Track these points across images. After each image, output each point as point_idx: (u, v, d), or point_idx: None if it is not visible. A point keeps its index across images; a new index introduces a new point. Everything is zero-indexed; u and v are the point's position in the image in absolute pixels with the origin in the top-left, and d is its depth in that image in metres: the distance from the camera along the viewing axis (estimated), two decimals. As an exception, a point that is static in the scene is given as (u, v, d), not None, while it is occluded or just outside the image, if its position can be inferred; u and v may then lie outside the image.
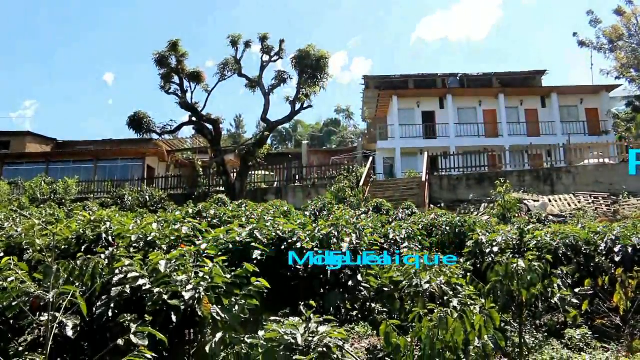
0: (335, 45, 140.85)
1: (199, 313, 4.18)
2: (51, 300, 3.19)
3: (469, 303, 5.06)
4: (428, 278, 5.82)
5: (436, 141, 36.18)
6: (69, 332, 4.33)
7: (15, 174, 31.54)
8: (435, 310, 4.45)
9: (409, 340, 4.41)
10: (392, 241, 9.01)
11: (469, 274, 6.71)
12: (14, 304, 4.58)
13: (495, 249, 8.06)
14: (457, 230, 10.17)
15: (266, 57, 24.95)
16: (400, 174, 32.55)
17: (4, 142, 43.32)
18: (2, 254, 7.57)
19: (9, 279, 4.98)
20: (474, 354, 4.27)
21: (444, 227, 10.59)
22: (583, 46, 33.76)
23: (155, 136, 25.87)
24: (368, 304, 6.64)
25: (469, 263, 7.64)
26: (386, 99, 38.54)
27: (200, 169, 27.60)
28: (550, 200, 20.47)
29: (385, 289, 6.33)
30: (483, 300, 5.62)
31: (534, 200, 19.78)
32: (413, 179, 26.38)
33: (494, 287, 6.18)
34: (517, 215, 15.13)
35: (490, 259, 7.70)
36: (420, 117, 38.07)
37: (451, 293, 5.72)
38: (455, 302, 5.19)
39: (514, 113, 37.43)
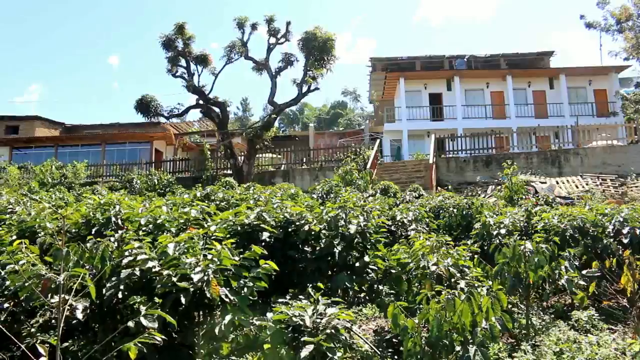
0: (339, 25, 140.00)
1: (208, 295, 4.22)
2: (62, 282, 3.22)
3: (476, 285, 5.08)
4: (435, 260, 5.84)
5: (443, 123, 35.99)
6: (79, 314, 4.39)
7: (25, 158, 31.70)
8: (443, 292, 4.47)
9: (417, 321, 4.44)
10: (400, 223, 9.03)
11: (476, 256, 6.73)
12: (26, 285, 4.64)
13: (503, 231, 8.06)
14: (464, 212, 10.16)
15: (273, 40, 24.81)
16: (408, 156, 32.48)
17: (13, 127, 43.51)
18: (14, 237, 7.67)
19: (20, 262, 5.05)
20: (481, 336, 4.30)
21: (451, 209, 10.57)
22: (591, 28, 33.27)
23: (162, 119, 25.89)
24: (375, 285, 6.67)
25: (476, 245, 7.64)
26: (393, 81, 38.32)
27: (208, 152, 27.59)
28: (557, 182, 20.39)
29: (393, 271, 6.38)
30: (490, 282, 5.64)
31: (542, 182, 19.71)
32: (420, 161, 26.32)
33: (501, 269, 6.20)
34: (524, 197, 15.06)
35: (498, 241, 7.72)
36: (427, 99, 37.89)
37: (458, 275, 5.75)
38: (462, 284, 5.21)
39: (521, 94, 37.16)
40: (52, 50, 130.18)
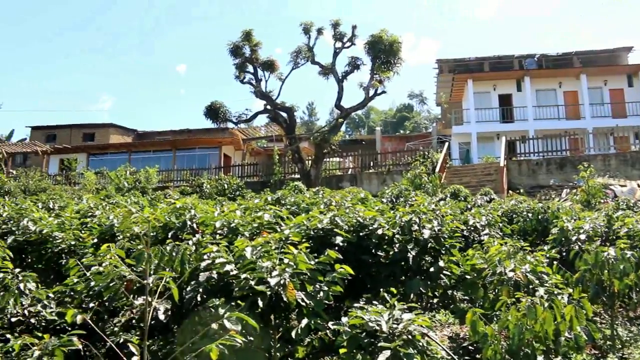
0: (401, 26, 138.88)
1: (284, 299, 4.25)
2: (150, 284, 3.31)
3: (555, 292, 4.90)
4: (512, 266, 5.67)
5: (514, 125, 35.06)
6: (161, 316, 4.49)
7: (100, 164, 32.99)
8: (523, 299, 4.34)
9: (496, 329, 4.33)
10: (472, 228, 8.83)
11: (554, 263, 6.51)
12: (110, 286, 4.81)
13: (582, 237, 7.75)
14: (539, 217, 9.84)
15: (338, 44, 24.87)
16: (477, 160, 31.86)
17: (90, 134, 45.65)
18: (95, 240, 8.00)
19: (104, 264, 5.25)
20: (565, 345, 4.15)
21: (525, 213, 10.27)
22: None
23: (230, 125, 26.40)
24: (449, 291, 6.55)
25: (554, 251, 7.38)
26: (461, 83, 37.68)
27: (276, 157, 27.92)
28: (639, 186, 19.48)
29: (468, 277, 6.24)
30: (570, 290, 5.44)
31: (621, 186, 18.88)
32: (490, 164, 25.75)
33: (582, 276, 5.97)
34: (602, 201, 14.49)
35: (577, 247, 7.43)
36: (496, 101, 37.00)
37: (537, 282, 5.56)
38: (541, 291, 5.04)
39: (597, 94, 35.72)
40: (123, 59, 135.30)
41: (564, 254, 7.50)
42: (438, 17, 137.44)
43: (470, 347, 5.66)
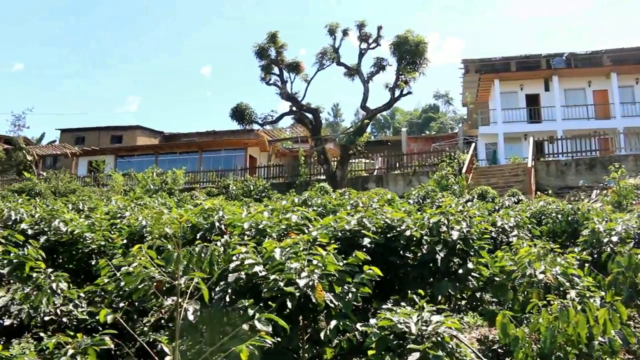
0: (426, 26, 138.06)
1: (313, 300, 4.25)
2: (182, 285, 3.34)
3: (587, 295, 4.81)
4: (543, 268, 5.60)
5: (541, 125, 34.53)
6: (190, 316, 4.53)
7: (128, 166, 33.44)
8: (555, 302, 4.28)
9: (527, 331, 4.27)
10: (500, 229, 8.74)
11: (586, 265, 6.40)
12: (140, 287, 4.86)
13: (615, 239, 7.59)
14: (569, 218, 9.68)
15: (364, 45, 24.82)
16: (504, 160, 31.48)
17: (117, 136, 46.31)
18: (124, 241, 8.10)
19: (134, 264, 5.30)
20: (598, 350, 4.07)
21: (554, 215, 10.11)
22: None
23: (256, 127, 26.51)
24: (478, 293, 6.48)
25: (585, 253, 7.26)
26: (487, 83, 37.29)
27: (302, 158, 27.96)
28: (671, 186, 19.06)
29: (497, 279, 6.17)
30: (603, 293, 5.34)
31: (653, 186, 18.49)
32: (518, 165, 25.44)
33: (615, 279, 5.85)
34: (634, 202, 14.20)
35: (609, 249, 7.29)
36: (523, 101, 36.53)
37: (568, 284, 5.47)
38: (572, 293, 4.95)
39: (628, 93, 34.99)
40: (148, 62, 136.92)
41: (595, 256, 7.36)
42: (463, 16, 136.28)
43: (499, 350, 5.58)
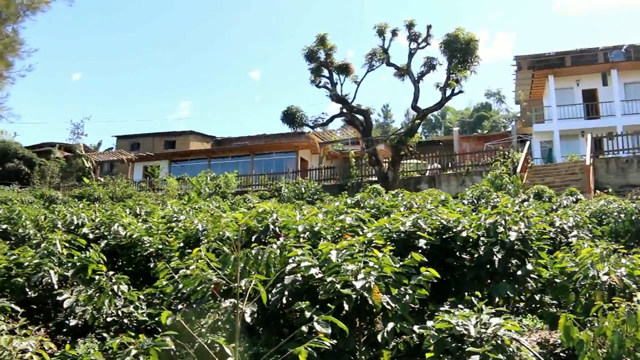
0: (476, 23, 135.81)
1: (370, 302, 4.23)
2: (242, 287, 3.38)
3: (656, 298, 4.63)
4: (606, 269, 5.42)
5: (599, 121, 33.42)
6: (248, 318, 4.58)
7: (182, 171, 34.09)
8: (622, 305, 4.12)
9: (592, 335, 4.13)
10: (559, 230, 8.52)
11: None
12: (198, 289, 4.94)
13: (683, 238, 7.31)
14: (633, 217, 9.33)
15: (413, 45, 24.56)
16: (560, 159, 30.64)
17: (171, 142, 47.42)
18: (181, 244, 8.26)
19: (191, 267, 5.40)
20: (671, 354, 3.90)
21: (616, 214, 9.79)
22: None
23: (307, 129, 26.60)
24: (537, 295, 6.32)
25: (651, 253, 6.99)
26: (541, 79, 36.38)
27: (353, 160, 27.91)
28: None
29: (557, 280, 6.01)
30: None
31: None
32: (575, 163, 24.73)
33: (685, 280, 5.61)
34: (701, 199, 13.59)
35: (677, 249, 7.01)
36: (580, 96, 35.42)
37: (634, 286, 5.28)
38: (639, 296, 4.78)
39: (693, 85, 33.63)
40: (198, 68, 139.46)
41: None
42: (513, 11, 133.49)
43: (562, 354, 5.43)
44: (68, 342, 6.32)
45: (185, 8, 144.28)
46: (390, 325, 4.22)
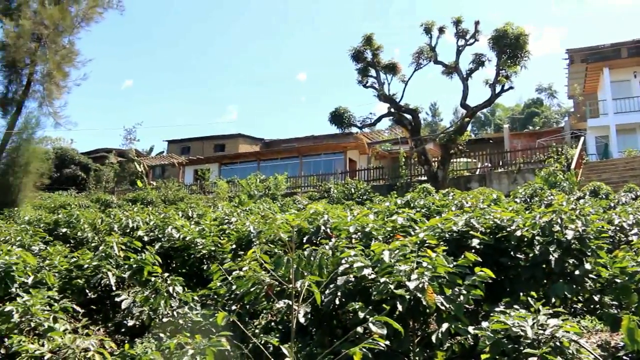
0: (523, 16, 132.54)
1: (424, 303, 4.20)
2: (298, 288, 3.41)
3: None
4: (671, 269, 5.23)
5: (659, 114, 32.31)
6: (301, 319, 4.61)
7: (231, 173, 34.55)
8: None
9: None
10: (618, 228, 8.27)
11: None
12: (251, 290, 5.01)
13: None
14: (697, 214, 8.99)
15: (461, 42, 24.23)
16: (617, 154, 29.68)
17: (221, 145, 48.17)
18: (233, 246, 8.38)
19: (244, 268, 5.47)
20: None
21: (679, 210, 9.44)
22: None
23: (354, 130, 26.56)
24: (596, 296, 6.14)
25: None
26: (595, 72, 35.28)
27: (403, 159, 27.72)
28: None
29: (618, 280, 5.82)
30: None
31: None
32: (633, 158, 23.95)
33: None
34: None
35: None
36: (638, 89, 34.15)
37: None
38: None
39: None
40: (245, 72, 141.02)
41: None
42: (561, 4, 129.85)
43: (625, 358, 5.26)
44: (126, 341, 6.50)
45: (222, 13, 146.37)
46: (445, 326, 4.19)
